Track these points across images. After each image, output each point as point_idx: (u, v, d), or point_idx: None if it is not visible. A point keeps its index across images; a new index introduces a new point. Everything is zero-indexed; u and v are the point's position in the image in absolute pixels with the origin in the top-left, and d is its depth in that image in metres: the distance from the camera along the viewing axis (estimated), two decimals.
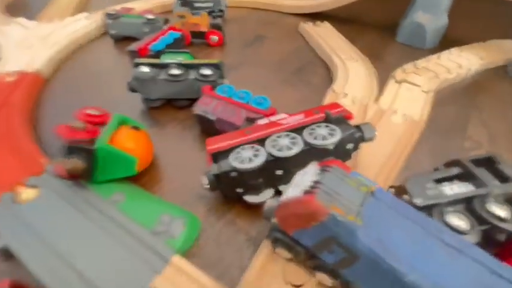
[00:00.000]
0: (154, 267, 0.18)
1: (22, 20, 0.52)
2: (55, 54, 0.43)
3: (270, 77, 0.42)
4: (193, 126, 0.32)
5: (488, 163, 0.24)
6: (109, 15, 0.48)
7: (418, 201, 0.19)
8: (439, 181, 0.22)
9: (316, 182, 0.15)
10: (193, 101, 0.34)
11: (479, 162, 0.23)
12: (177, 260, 0.18)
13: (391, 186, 0.22)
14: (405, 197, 0.20)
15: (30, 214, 0.21)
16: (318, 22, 0.56)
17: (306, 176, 0.17)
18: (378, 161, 0.27)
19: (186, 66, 0.33)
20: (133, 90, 0.33)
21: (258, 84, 0.40)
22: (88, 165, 0.22)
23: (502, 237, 0.20)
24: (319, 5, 0.60)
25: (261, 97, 0.30)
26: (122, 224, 0.20)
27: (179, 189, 0.26)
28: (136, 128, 0.26)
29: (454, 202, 0.20)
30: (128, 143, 0.24)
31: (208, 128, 0.30)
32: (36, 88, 0.37)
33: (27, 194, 0.22)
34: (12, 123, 0.29)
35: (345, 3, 0.58)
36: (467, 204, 0.20)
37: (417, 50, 0.52)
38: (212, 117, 0.28)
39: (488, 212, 0.19)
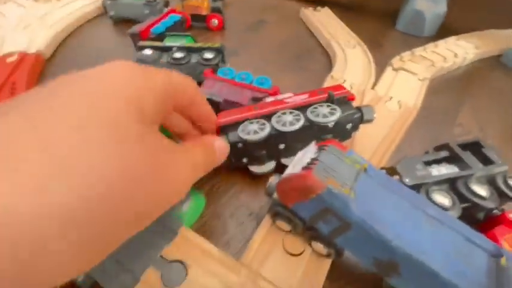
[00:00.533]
0: (165, 238, 0.20)
1: (21, 0, 0.51)
2: (55, 35, 0.43)
3: (269, 62, 0.43)
4: None
5: (474, 147, 0.25)
6: None
7: (407, 180, 0.21)
8: (429, 163, 0.24)
9: (314, 159, 0.17)
10: None
11: (466, 146, 0.25)
12: (185, 231, 0.20)
13: (383, 168, 0.24)
14: (396, 177, 0.22)
15: None
16: (319, 8, 0.56)
17: (306, 154, 0.18)
18: (372, 143, 0.28)
19: (189, 50, 0.33)
20: None
21: (257, 69, 0.40)
22: None
23: (481, 215, 0.22)
24: None
25: (262, 77, 0.31)
26: None
27: None
28: None
29: (440, 182, 0.22)
30: None
31: (214, 111, 0.31)
32: (38, 68, 0.38)
33: None
34: None
35: None
36: (452, 185, 0.22)
37: (415, 38, 0.52)
38: (219, 99, 0.29)
39: (470, 191, 0.21)
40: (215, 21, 0.48)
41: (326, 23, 0.51)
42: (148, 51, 0.32)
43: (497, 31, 0.54)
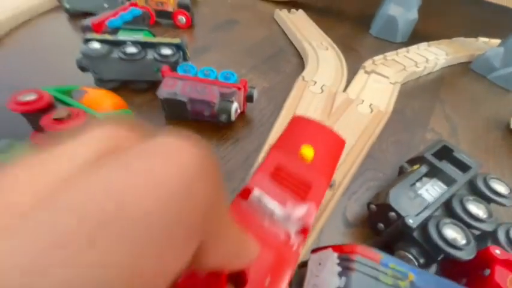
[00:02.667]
0: None
1: None
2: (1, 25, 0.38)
3: (239, 63, 0.40)
4: (152, 111, 0.30)
5: (446, 152, 0.24)
6: None
7: (411, 222, 0.18)
8: (413, 184, 0.22)
9: None
10: (151, 83, 0.31)
11: (438, 154, 0.24)
12: None
13: (370, 203, 0.22)
14: (392, 214, 0.19)
15: None
16: (293, 10, 0.55)
17: (325, 269, 0.14)
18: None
19: (144, 45, 0.30)
20: (83, 69, 0.29)
21: (227, 69, 0.38)
22: None
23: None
24: None
25: (226, 71, 0.28)
26: None
27: None
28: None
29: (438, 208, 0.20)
30: (111, 100, 0.25)
31: (177, 112, 0.28)
32: None
33: None
34: None
35: None
36: (447, 205, 0.20)
37: (388, 43, 0.52)
38: (183, 99, 0.26)
39: (468, 213, 0.19)
40: (182, 19, 0.45)
41: (300, 25, 0.49)
42: (96, 45, 0.28)
43: (466, 39, 0.55)
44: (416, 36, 0.53)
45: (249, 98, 0.29)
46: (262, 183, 0.16)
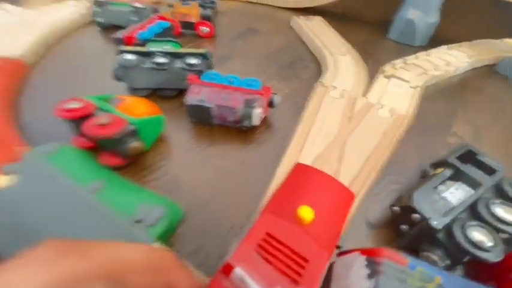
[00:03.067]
0: None
1: (6, 6, 0.50)
2: (39, 40, 0.42)
3: (259, 70, 0.42)
4: (179, 116, 0.32)
5: (470, 156, 0.24)
6: (96, 3, 0.46)
7: (436, 223, 0.18)
8: (436, 187, 0.22)
9: None
10: (179, 91, 0.33)
11: (462, 158, 0.24)
12: (157, 246, 0.18)
13: (393, 205, 0.22)
14: (415, 216, 0.20)
15: (5, 200, 0.20)
16: (311, 16, 0.56)
17: (353, 272, 0.14)
18: (363, 152, 0.27)
19: (172, 55, 0.32)
20: (118, 78, 0.32)
21: (248, 76, 0.39)
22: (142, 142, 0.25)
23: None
24: (311, 0, 0.60)
25: (250, 79, 0.30)
26: (101, 212, 0.20)
27: (163, 178, 0.25)
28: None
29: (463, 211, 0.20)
30: (145, 107, 0.27)
31: (203, 118, 0.29)
32: (19, 74, 0.36)
33: (2, 180, 0.21)
34: None
35: None
36: (472, 208, 0.20)
37: (407, 47, 0.52)
38: (210, 105, 0.28)
39: (495, 216, 0.19)
40: (205, 29, 0.47)
41: (317, 31, 0.50)
42: (129, 56, 0.31)
43: (489, 41, 0.54)
44: (437, 39, 0.52)
45: (270, 104, 0.31)
46: (246, 259, 0.14)
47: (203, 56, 0.32)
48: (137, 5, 0.46)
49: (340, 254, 0.16)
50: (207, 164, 0.27)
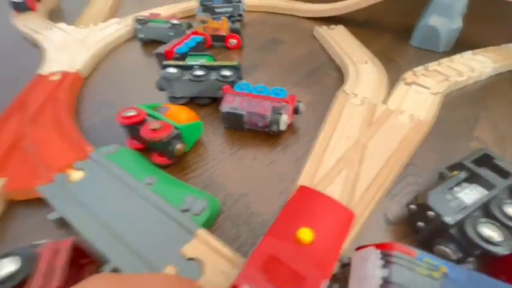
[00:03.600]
0: (183, 238, 0.21)
1: (62, 25, 0.58)
2: (92, 56, 0.48)
3: (283, 79, 0.45)
4: (213, 122, 0.36)
5: (486, 160, 0.25)
6: (138, 21, 0.52)
7: (449, 219, 0.20)
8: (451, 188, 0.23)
9: (387, 281, 0.14)
10: (213, 99, 0.37)
11: (478, 161, 0.25)
12: (202, 232, 0.22)
13: (410, 204, 0.24)
14: (430, 213, 0.22)
15: (79, 191, 0.25)
16: (333, 26, 0.59)
17: (369, 263, 0.16)
18: (383, 155, 0.29)
19: (208, 68, 0.36)
20: (161, 89, 0.36)
21: (273, 85, 0.43)
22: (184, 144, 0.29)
23: None
24: (333, 9, 0.62)
25: (277, 88, 0.33)
26: (155, 202, 0.24)
27: (202, 176, 0.29)
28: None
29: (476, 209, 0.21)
30: (187, 114, 0.31)
31: (235, 123, 0.33)
32: (77, 86, 0.42)
33: (75, 175, 0.26)
34: (59, 115, 0.34)
35: (359, 8, 0.60)
36: (485, 208, 0.22)
37: (431, 53, 0.53)
38: (242, 112, 0.32)
39: (506, 215, 0.20)
40: (234, 41, 0.51)
41: (339, 40, 0.53)
42: (172, 70, 0.35)
43: None
44: (462, 44, 0.52)
45: (296, 111, 0.34)
46: (251, 279, 0.16)
47: (235, 68, 0.36)
48: (174, 21, 0.51)
49: (358, 248, 0.18)
50: (239, 164, 0.31)
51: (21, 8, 0.62)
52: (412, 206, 0.24)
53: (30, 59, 0.49)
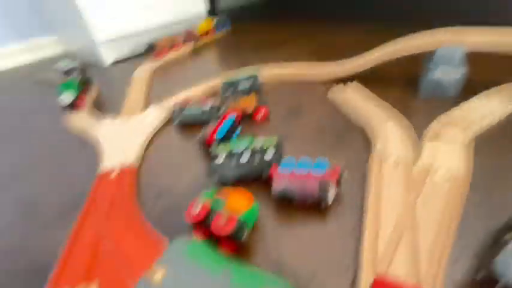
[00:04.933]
0: None
1: (107, 120, 0.66)
2: (141, 146, 0.54)
3: (313, 148, 0.48)
4: (264, 199, 0.39)
5: None
6: (175, 109, 0.60)
7: None
8: None
9: None
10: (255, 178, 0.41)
11: None
12: None
13: (474, 279, 0.25)
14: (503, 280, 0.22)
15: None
16: (347, 83, 0.64)
17: None
18: (433, 218, 0.31)
19: (252, 152, 0.41)
20: (211, 175, 0.41)
21: (304, 153, 0.46)
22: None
23: None
24: (344, 71, 0.69)
25: (319, 160, 0.37)
26: None
27: (267, 258, 0.31)
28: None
29: None
30: (244, 201, 0.34)
31: (286, 200, 0.37)
32: (134, 178, 0.47)
33: (157, 275, 0.29)
34: (130, 213, 0.38)
35: (367, 67, 0.66)
36: None
37: (441, 102, 0.55)
38: (292, 194, 0.36)
39: None
40: (260, 116, 0.58)
41: (356, 99, 0.58)
42: (221, 159, 0.40)
43: None
44: (471, 85, 0.55)
45: (339, 181, 0.37)
46: None
47: (276, 148, 0.41)
48: (205, 107, 0.58)
49: None
50: (298, 241, 0.33)
51: (71, 109, 0.73)
52: (479, 276, 0.25)
53: (86, 156, 0.56)
